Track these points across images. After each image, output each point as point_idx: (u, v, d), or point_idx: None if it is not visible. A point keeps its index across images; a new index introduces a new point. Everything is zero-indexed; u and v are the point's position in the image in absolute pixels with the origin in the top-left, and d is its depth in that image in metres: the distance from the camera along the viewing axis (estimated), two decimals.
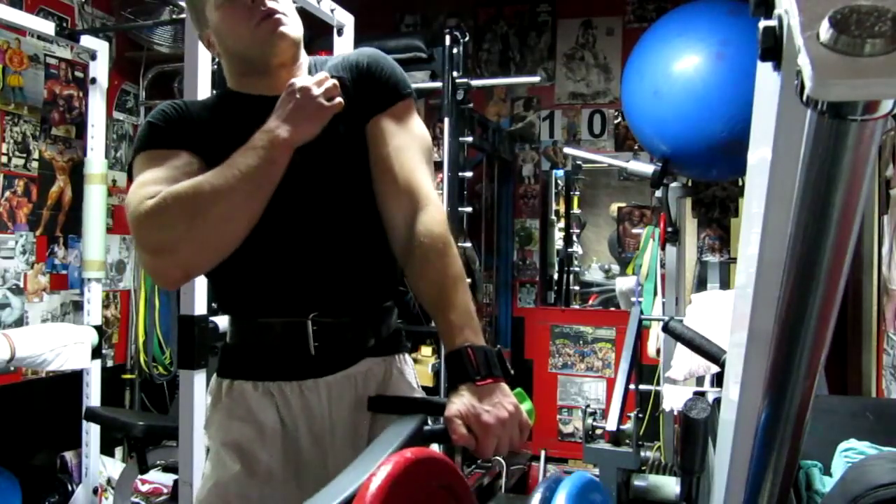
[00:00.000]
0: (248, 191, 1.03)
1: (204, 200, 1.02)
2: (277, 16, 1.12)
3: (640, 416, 2.37)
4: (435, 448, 1.05)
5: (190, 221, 1.02)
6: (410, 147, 1.17)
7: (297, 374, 1.16)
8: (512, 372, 1.06)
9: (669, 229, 3.06)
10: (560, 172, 4.10)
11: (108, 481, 3.01)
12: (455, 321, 1.05)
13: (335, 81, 1.08)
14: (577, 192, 4.17)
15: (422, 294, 1.11)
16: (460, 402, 0.99)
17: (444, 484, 0.80)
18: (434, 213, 1.12)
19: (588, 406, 2.11)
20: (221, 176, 1.02)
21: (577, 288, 4.18)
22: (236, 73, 1.21)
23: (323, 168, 1.15)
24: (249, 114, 1.12)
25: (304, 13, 1.21)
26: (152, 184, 1.06)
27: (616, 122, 3.88)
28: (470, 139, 3.05)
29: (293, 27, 1.15)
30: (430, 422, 1.05)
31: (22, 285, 3.01)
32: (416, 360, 1.57)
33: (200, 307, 1.84)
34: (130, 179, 1.14)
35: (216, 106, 1.23)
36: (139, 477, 2.85)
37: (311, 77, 1.08)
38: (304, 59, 1.23)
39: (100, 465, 2.97)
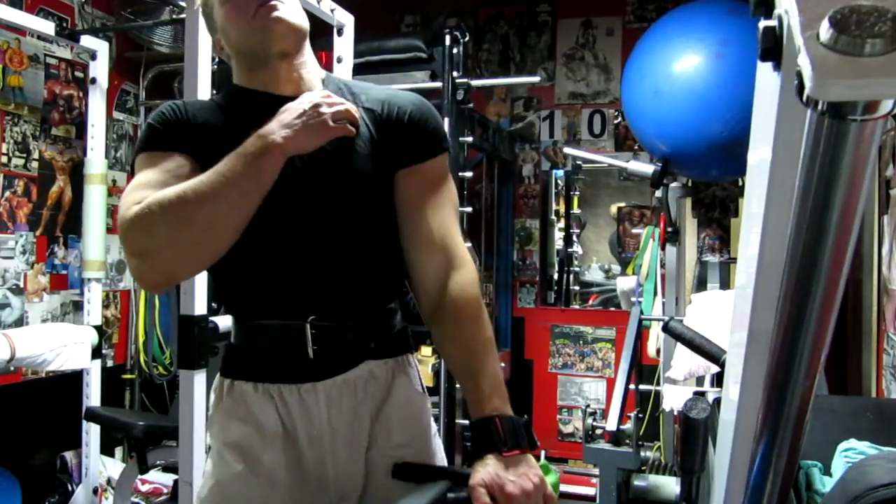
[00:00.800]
0: (234, 198, 1.01)
1: (187, 207, 1.00)
2: (273, 2, 1.12)
3: (640, 416, 2.38)
4: None
5: (172, 228, 1.01)
6: (447, 205, 1.18)
7: (295, 377, 1.16)
8: (538, 443, 1.07)
9: (669, 229, 3.06)
10: (560, 172, 4.10)
11: (108, 481, 3.01)
12: (484, 389, 1.06)
13: (349, 107, 1.08)
14: (577, 192, 4.17)
15: (450, 356, 1.13)
16: (485, 471, 1.00)
17: None
18: (469, 274, 1.13)
19: (588, 406, 2.11)
20: (207, 182, 1.01)
21: (577, 288, 4.17)
22: (241, 69, 1.21)
23: (328, 173, 1.14)
24: (250, 110, 1.12)
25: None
26: (142, 188, 1.06)
27: (616, 122, 3.88)
28: (470, 139, 3.04)
29: (290, 13, 1.14)
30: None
31: (22, 285, 3.01)
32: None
33: (200, 307, 1.84)
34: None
35: (218, 103, 1.22)
36: (139, 477, 2.85)
37: (328, 96, 1.08)
38: (311, 56, 1.22)
39: (100, 465, 2.96)
